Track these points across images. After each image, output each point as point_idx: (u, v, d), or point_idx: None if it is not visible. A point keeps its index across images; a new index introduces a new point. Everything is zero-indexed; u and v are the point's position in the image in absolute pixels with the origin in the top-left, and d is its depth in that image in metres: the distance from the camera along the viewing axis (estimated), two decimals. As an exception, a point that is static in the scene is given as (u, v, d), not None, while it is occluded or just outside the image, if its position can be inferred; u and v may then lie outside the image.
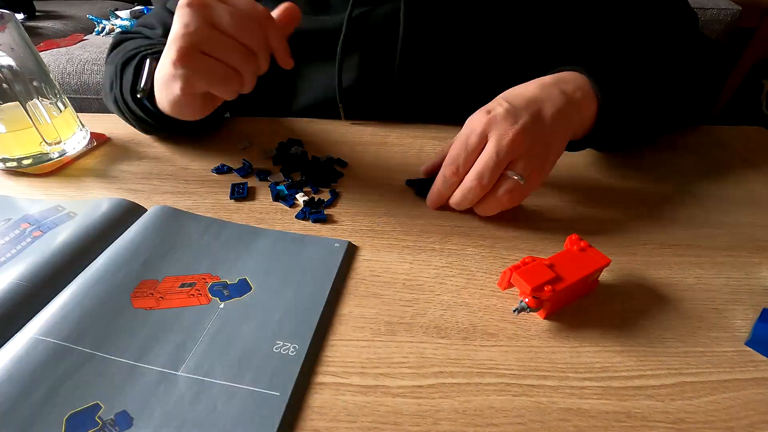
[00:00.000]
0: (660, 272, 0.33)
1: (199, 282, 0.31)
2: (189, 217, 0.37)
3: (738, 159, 0.49)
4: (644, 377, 0.26)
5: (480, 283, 0.32)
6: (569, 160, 0.47)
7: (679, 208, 0.41)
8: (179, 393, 0.24)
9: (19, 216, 0.36)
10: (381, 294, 0.31)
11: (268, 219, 0.38)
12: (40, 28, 1.47)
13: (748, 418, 0.24)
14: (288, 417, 0.23)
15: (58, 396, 0.23)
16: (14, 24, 0.40)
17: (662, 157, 0.49)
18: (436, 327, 0.29)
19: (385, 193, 0.42)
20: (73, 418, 0.22)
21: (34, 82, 0.42)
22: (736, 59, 1.57)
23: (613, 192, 0.43)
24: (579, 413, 0.24)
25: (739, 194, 0.43)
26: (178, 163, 0.46)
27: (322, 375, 0.26)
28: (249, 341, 0.27)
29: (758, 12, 1.43)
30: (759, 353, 0.28)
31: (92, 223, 0.35)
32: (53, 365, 0.24)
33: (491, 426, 0.23)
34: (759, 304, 0.31)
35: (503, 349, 0.27)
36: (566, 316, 0.30)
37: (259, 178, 0.43)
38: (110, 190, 0.41)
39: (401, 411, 0.24)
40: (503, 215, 0.39)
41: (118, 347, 0.26)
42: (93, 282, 0.29)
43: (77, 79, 1.16)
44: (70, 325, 0.26)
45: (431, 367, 0.26)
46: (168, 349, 0.26)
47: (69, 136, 0.46)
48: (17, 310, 0.27)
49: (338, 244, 0.35)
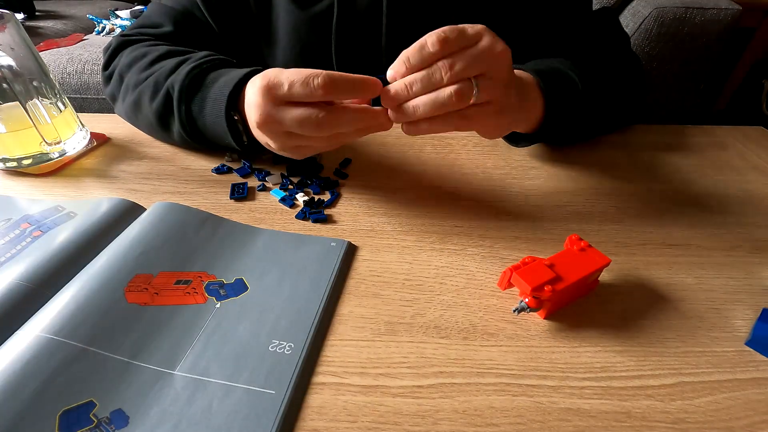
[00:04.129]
0: (660, 272, 0.33)
1: (195, 280, 0.31)
2: (185, 211, 0.36)
3: (738, 159, 0.49)
4: (644, 377, 0.26)
5: (480, 283, 0.32)
6: (569, 161, 0.47)
7: (679, 208, 0.41)
8: (175, 392, 0.24)
9: (19, 216, 0.36)
10: (381, 294, 0.31)
11: (267, 219, 0.38)
12: (40, 28, 1.47)
13: (748, 418, 0.24)
14: (285, 416, 0.23)
15: (50, 391, 0.23)
16: (14, 24, 0.41)
17: (662, 157, 0.49)
18: (436, 327, 0.29)
19: (385, 194, 0.42)
20: (66, 415, 0.22)
21: (34, 82, 0.42)
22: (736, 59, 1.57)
23: (613, 192, 0.43)
24: (579, 413, 0.24)
25: (739, 194, 0.43)
26: (178, 163, 0.46)
27: (322, 375, 0.26)
28: (245, 340, 0.27)
29: (758, 12, 1.43)
30: (759, 353, 0.28)
31: (92, 223, 0.35)
32: (45, 360, 0.24)
33: (491, 426, 0.23)
34: (759, 304, 0.31)
35: (503, 349, 0.27)
36: (566, 316, 0.30)
37: (258, 178, 0.43)
38: (110, 190, 0.41)
39: (401, 411, 0.24)
40: (504, 215, 0.39)
41: (112, 343, 0.26)
42: (89, 278, 0.29)
43: (77, 79, 1.15)
44: (63, 319, 0.26)
45: (431, 367, 0.26)
46: (164, 347, 0.26)
47: (69, 136, 0.46)
48: (17, 310, 0.27)
49: (335, 243, 0.35)
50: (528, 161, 0.48)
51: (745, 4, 1.03)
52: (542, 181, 0.44)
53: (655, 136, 0.53)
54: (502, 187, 0.43)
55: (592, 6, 0.56)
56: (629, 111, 0.54)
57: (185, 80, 0.41)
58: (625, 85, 0.51)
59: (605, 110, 0.50)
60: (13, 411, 0.22)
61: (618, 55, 0.52)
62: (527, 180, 0.44)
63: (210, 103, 0.41)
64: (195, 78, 0.42)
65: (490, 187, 0.43)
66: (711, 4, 1.00)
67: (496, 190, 0.43)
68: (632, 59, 0.54)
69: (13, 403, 0.22)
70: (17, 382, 0.23)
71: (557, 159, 0.47)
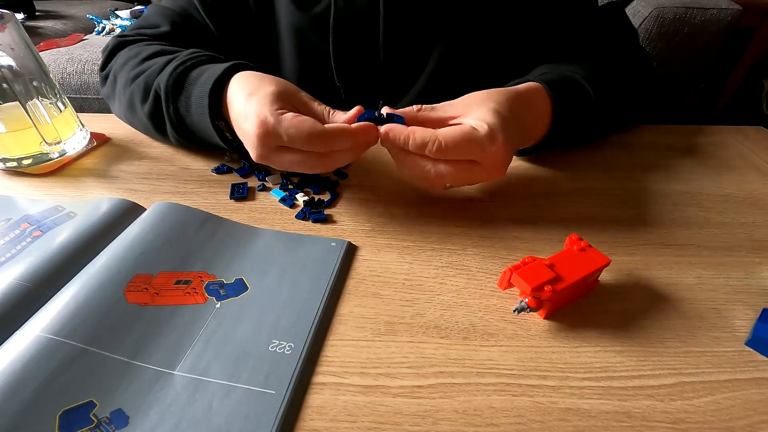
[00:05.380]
0: (660, 272, 0.33)
1: (195, 280, 0.31)
2: (185, 211, 0.36)
3: (738, 159, 0.49)
4: (644, 377, 0.26)
5: (480, 283, 0.32)
6: (569, 161, 0.47)
7: (679, 208, 0.41)
8: (175, 392, 0.24)
9: (19, 216, 0.36)
10: (381, 294, 0.31)
11: (267, 219, 0.38)
12: (40, 28, 1.47)
13: (748, 418, 0.24)
14: (285, 416, 0.23)
15: (50, 392, 0.23)
16: (14, 24, 0.41)
17: (662, 158, 0.49)
18: (436, 327, 0.29)
19: (385, 193, 0.42)
20: (66, 415, 0.22)
21: (34, 82, 0.42)
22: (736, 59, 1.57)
23: (614, 192, 0.43)
24: (579, 413, 0.24)
25: (739, 194, 0.43)
26: (178, 163, 0.46)
27: (322, 375, 0.26)
28: (245, 340, 0.27)
29: (758, 12, 1.43)
30: (759, 353, 0.28)
31: (92, 223, 0.35)
32: (45, 360, 0.24)
33: (491, 426, 0.23)
34: (759, 304, 0.31)
35: (503, 349, 0.27)
36: (566, 316, 0.30)
37: (258, 179, 0.43)
38: (110, 190, 0.41)
39: (401, 411, 0.24)
40: (504, 215, 0.39)
41: (112, 343, 0.26)
42: (89, 278, 0.29)
43: (77, 79, 1.15)
44: (63, 319, 0.26)
45: (431, 367, 0.26)
46: (164, 347, 0.26)
47: (69, 136, 0.46)
48: (17, 310, 0.27)
49: (335, 243, 0.35)
50: (528, 161, 0.48)
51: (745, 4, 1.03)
52: (542, 181, 0.44)
53: (655, 136, 0.53)
54: (502, 187, 0.43)
55: (597, 1, 0.55)
56: (638, 110, 0.54)
57: (169, 80, 0.41)
58: (636, 85, 0.51)
59: (616, 114, 0.50)
60: (13, 411, 0.22)
61: (627, 53, 0.52)
62: (527, 180, 0.44)
63: (194, 101, 0.41)
64: (179, 76, 0.42)
65: (490, 187, 0.43)
66: (711, 4, 1.00)
67: (496, 190, 0.43)
68: (641, 56, 0.53)
69: (13, 403, 0.22)
70: (17, 382, 0.23)
71: (557, 159, 0.47)
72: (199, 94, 0.40)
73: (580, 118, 0.43)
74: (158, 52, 0.47)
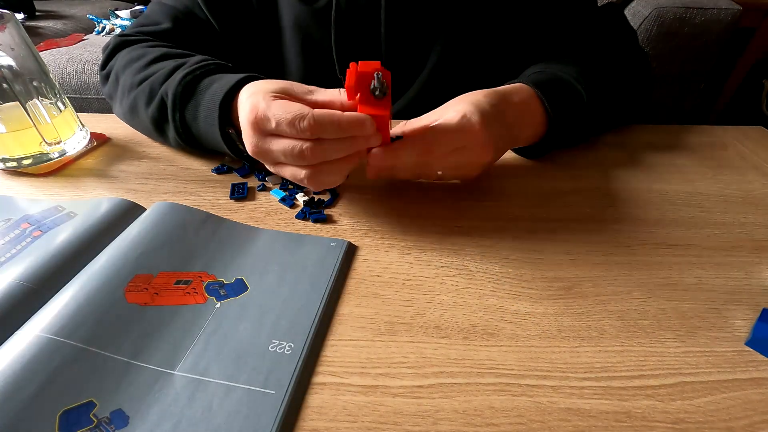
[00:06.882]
0: (660, 272, 0.33)
1: (195, 280, 0.31)
2: (185, 211, 0.36)
3: (738, 159, 0.49)
4: (644, 377, 0.26)
5: (480, 283, 0.32)
6: (569, 161, 0.47)
7: (679, 208, 0.41)
8: (175, 392, 0.24)
9: (19, 216, 0.36)
10: (381, 294, 0.31)
11: (267, 219, 0.38)
12: (40, 28, 1.47)
13: (748, 418, 0.24)
14: (285, 416, 0.23)
15: (50, 391, 0.23)
16: (14, 24, 0.41)
17: (662, 157, 0.49)
18: (436, 327, 0.29)
19: (385, 193, 0.42)
20: (66, 415, 0.22)
21: (34, 82, 0.42)
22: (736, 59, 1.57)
23: (613, 192, 0.43)
24: (579, 413, 0.24)
25: (739, 194, 0.43)
26: (178, 163, 0.46)
27: (322, 375, 0.26)
28: (245, 340, 0.27)
29: (758, 12, 1.43)
30: (759, 353, 0.28)
31: (92, 223, 0.35)
32: (45, 360, 0.24)
33: (491, 426, 0.23)
34: (759, 304, 0.31)
35: (503, 349, 0.27)
36: (566, 316, 0.30)
37: (258, 179, 0.43)
38: (110, 190, 0.41)
39: (401, 411, 0.24)
40: (504, 215, 0.39)
41: (112, 343, 0.26)
42: (89, 278, 0.29)
43: (77, 79, 1.16)
44: (63, 319, 0.26)
45: (431, 367, 0.26)
46: (164, 347, 0.26)
47: (69, 136, 0.46)
48: (17, 310, 0.27)
49: (335, 243, 0.35)
50: (528, 161, 0.48)
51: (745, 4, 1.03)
52: (542, 181, 0.44)
53: (655, 136, 0.53)
54: (501, 187, 0.43)
55: (596, 2, 0.56)
56: (634, 110, 0.54)
57: (178, 87, 0.41)
58: (631, 86, 0.51)
59: (608, 114, 0.50)
60: (13, 411, 0.22)
61: (624, 53, 0.52)
62: (527, 180, 0.44)
63: (203, 110, 0.41)
64: (188, 84, 0.41)
65: (489, 186, 0.43)
66: (711, 4, 1.00)
67: (496, 190, 0.43)
68: (639, 56, 0.53)
69: (13, 403, 0.22)
70: (17, 382, 0.23)
71: (557, 159, 0.47)
72: (208, 104, 0.40)
73: (570, 117, 0.43)
74: (163, 56, 0.47)
